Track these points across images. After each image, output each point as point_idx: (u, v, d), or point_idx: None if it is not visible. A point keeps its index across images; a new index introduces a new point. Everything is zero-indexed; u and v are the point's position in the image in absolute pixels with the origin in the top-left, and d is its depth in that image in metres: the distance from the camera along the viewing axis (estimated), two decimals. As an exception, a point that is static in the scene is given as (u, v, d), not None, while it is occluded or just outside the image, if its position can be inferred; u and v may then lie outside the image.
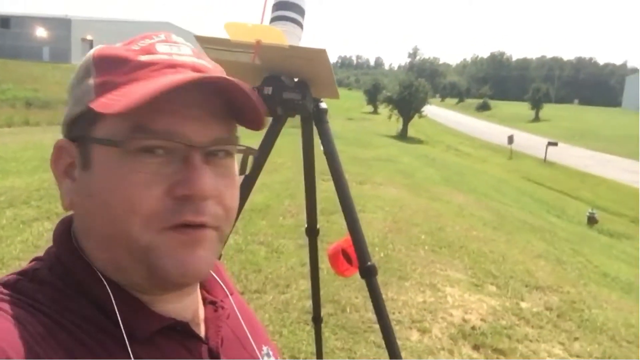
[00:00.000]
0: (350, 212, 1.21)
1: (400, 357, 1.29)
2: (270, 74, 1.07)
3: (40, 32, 39.57)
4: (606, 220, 14.13)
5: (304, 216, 1.54)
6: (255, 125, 0.59)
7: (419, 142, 28.94)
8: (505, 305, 4.01)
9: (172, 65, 0.54)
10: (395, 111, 32.85)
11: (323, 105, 1.18)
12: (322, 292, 3.52)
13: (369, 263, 1.21)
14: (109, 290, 0.53)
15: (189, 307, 0.60)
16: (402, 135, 30.00)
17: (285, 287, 3.79)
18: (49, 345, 0.47)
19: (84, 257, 0.55)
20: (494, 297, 4.14)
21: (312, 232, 1.45)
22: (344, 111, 40.88)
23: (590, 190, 20.41)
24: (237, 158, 0.60)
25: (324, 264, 1.98)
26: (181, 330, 0.57)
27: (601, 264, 6.67)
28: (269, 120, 1.23)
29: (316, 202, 1.38)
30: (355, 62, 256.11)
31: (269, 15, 1.06)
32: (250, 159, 0.61)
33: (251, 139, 0.61)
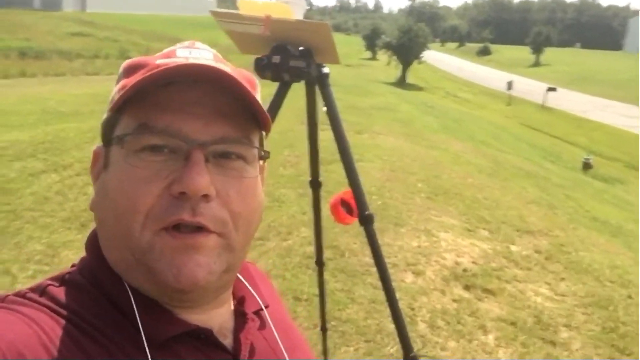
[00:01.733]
0: (350, 165, 1.35)
1: (395, 297, 1.45)
2: (277, 43, 1.19)
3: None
4: (601, 165, 14.33)
5: (303, 166, 1.69)
6: (263, 126, 0.59)
7: (418, 89, 28.75)
8: (496, 248, 4.22)
9: (184, 67, 0.53)
10: (395, 57, 32.44)
11: (325, 69, 1.30)
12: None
13: (367, 212, 1.36)
14: (131, 295, 0.54)
15: (215, 317, 0.59)
16: (401, 82, 29.75)
17: (287, 235, 3.98)
18: (67, 348, 0.48)
19: (108, 264, 0.56)
20: (485, 242, 4.35)
21: (315, 184, 1.59)
22: (342, 57, 40.17)
23: (587, 135, 20.52)
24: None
25: (324, 213, 2.14)
26: (204, 339, 0.56)
27: (592, 209, 6.89)
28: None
29: (319, 157, 1.51)
30: (354, 5, 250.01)
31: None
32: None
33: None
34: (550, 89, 26.14)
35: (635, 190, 11.34)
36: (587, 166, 13.07)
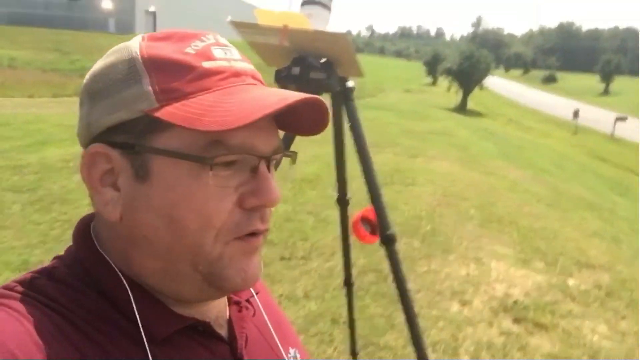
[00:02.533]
0: (373, 183, 1.30)
1: (417, 323, 1.38)
2: (298, 54, 1.17)
3: (106, 4, 40.80)
4: (674, 199, 13.45)
5: (352, 187, 1.65)
6: (313, 130, 0.60)
7: (479, 115, 28.20)
8: (551, 281, 3.99)
9: (237, 74, 0.53)
10: (455, 83, 32.05)
11: (349, 83, 1.26)
12: (364, 262, 3.67)
13: (389, 231, 1.30)
14: (129, 290, 0.52)
15: (213, 308, 0.60)
16: (461, 108, 29.28)
17: (330, 255, 3.93)
18: (61, 345, 0.47)
19: (105, 257, 0.54)
20: (540, 273, 4.12)
21: (343, 201, 1.55)
22: (402, 82, 40.22)
23: (660, 168, 19.37)
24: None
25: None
26: (202, 331, 0.56)
27: (661, 245, 6.43)
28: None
29: (346, 173, 1.47)
30: (415, 32, 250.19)
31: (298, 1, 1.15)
32: None
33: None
34: (620, 119, 25.04)
35: None
36: (658, 199, 12.30)
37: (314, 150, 7.28)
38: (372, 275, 3.55)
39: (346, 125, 1.32)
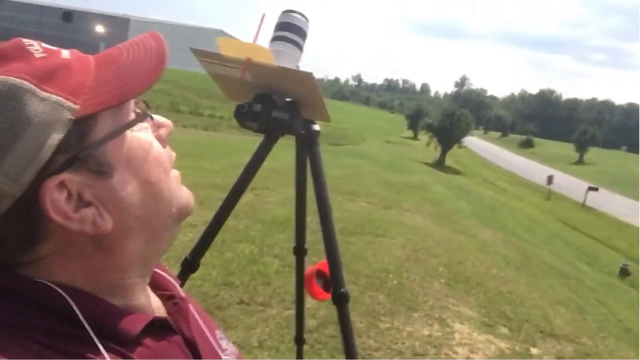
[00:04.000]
0: (330, 235, 1.21)
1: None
2: (262, 91, 1.09)
3: (99, 29, 41.00)
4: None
5: (307, 233, 1.55)
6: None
7: (455, 172, 28.60)
8: (514, 349, 3.89)
9: (84, 53, 0.57)
10: (435, 139, 32.61)
11: (315, 127, 1.18)
12: (326, 313, 3.52)
13: (343, 290, 1.20)
14: (71, 301, 0.49)
15: (154, 303, 0.61)
16: (439, 164, 29.74)
17: (290, 303, 3.76)
18: None
19: (40, 280, 0.50)
20: (504, 340, 4.02)
21: (300, 251, 1.45)
22: (383, 133, 40.81)
23: (627, 240, 19.72)
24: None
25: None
26: (159, 326, 0.57)
27: (625, 319, 6.41)
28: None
29: (305, 221, 1.38)
30: (401, 85, 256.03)
31: (266, 35, 1.08)
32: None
33: (244, 153, 0.67)
34: (592, 189, 25.64)
35: (676, 305, 10.63)
36: (624, 272, 12.47)
37: (286, 193, 7.19)
38: (332, 329, 3.40)
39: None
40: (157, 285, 0.66)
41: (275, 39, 1.10)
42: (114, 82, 0.51)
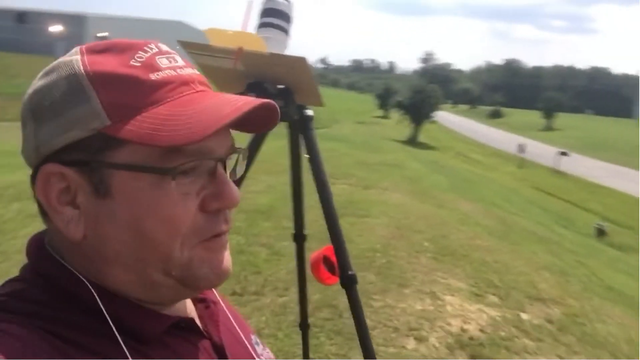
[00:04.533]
0: (332, 220, 1.20)
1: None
2: (254, 80, 1.07)
3: (55, 28, 39.89)
4: (615, 232, 14.00)
5: (308, 218, 1.53)
6: (262, 129, 0.62)
7: (429, 148, 28.85)
8: (505, 316, 3.97)
9: (185, 83, 0.53)
10: (406, 116, 32.80)
11: (309, 112, 1.17)
12: (319, 297, 3.54)
13: (350, 272, 1.20)
14: (97, 297, 0.50)
15: (186, 305, 0.61)
16: (412, 141, 29.93)
17: (283, 290, 3.78)
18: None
19: (70, 269, 0.52)
20: (494, 308, 4.10)
21: (300, 237, 1.44)
22: (354, 115, 40.84)
23: (600, 202, 20.24)
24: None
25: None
26: (185, 328, 0.57)
27: (606, 278, 6.60)
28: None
29: (303, 207, 1.37)
30: (368, 65, 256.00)
31: (252, 21, 1.06)
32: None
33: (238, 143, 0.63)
34: (563, 154, 26.14)
35: (651, 259, 10.99)
36: (600, 233, 12.79)
37: (268, 181, 7.16)
38: (327, 312, 3.43)
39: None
40: None
41: (262, 25, 1.08)
42: (161, 123, 0.49)
